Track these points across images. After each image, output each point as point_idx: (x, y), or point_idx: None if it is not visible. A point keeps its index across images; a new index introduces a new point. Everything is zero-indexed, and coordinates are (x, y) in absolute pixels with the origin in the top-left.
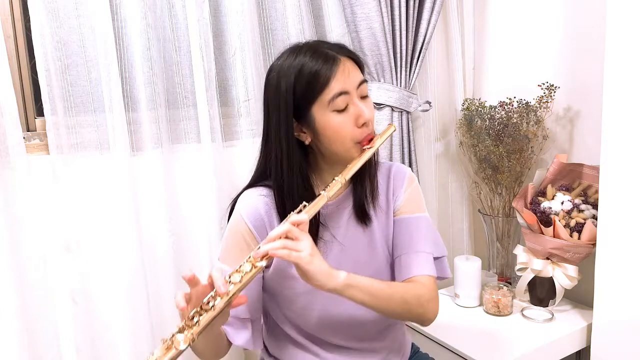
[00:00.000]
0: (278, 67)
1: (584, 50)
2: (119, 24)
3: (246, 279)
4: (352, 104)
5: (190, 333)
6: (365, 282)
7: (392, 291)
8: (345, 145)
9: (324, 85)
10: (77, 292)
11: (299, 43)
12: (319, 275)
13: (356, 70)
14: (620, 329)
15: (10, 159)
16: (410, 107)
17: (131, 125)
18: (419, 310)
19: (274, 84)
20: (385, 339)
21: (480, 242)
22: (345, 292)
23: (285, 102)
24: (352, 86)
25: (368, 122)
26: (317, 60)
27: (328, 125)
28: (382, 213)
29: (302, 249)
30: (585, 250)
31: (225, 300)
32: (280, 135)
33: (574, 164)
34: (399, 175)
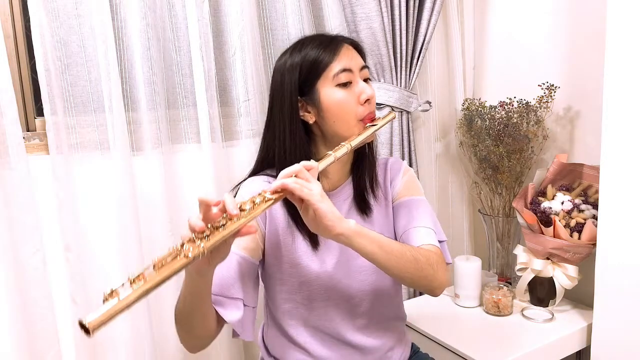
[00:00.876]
0: (283, 61)
1: (584, 50)
2: (119, 24)
3: (257, 210)
4: (355, 82)
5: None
6: (376, 234)
7: (402, 247)
8: (348, 122)
9: (328, 63)
10: (77, 292)
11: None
12: (330, 214)
13: (357, 55)
14: (620, 329)
15: (10, 159)
16: (410, 107)
17: (131, 125)
18: (429, 271)
19: (279, 74)
20: (386, 335)
21: (480, 242)
22: (355, 240)
23: (290, 82)
24: (355, 66)
25: (371, 100)
26: (319, 47)
27: (332, 99)
28: (381, 203)
29: (313, 189)
30: (585, 250)
31: (236, 224)
32: (285, 115)
33: (574, 164)
34: (395, 165)
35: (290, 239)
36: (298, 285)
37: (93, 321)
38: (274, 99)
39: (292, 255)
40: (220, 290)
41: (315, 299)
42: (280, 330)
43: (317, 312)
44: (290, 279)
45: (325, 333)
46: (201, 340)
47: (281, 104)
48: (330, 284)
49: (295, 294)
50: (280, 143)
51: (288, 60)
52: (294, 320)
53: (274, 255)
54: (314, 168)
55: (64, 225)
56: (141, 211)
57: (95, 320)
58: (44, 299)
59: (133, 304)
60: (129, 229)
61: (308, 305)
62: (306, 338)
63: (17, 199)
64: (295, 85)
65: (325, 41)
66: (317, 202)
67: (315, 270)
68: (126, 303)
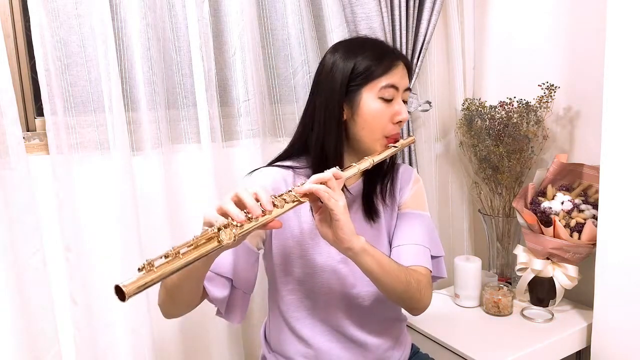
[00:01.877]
0: (338, 53)
1: (584, 50)
2: (119, 24)
3: (286, 207)
4: (397, 101)
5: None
6: (379, 254)
7: (399, 269)
8: (375, 134)
9: (382, 73)
10: (77, 292)
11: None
12: (347, 228)
13: (407, 77)
14: (620, 329)
15: (10, 159)
16: (410, 107)
17: (131, 125)
18: (416, 295)
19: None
20: (386, 334)
21: (480, 242)
22: (360, 256)
23: (341, 79)
24: (402, 86)
25: (402, 123)
26: (380, 53)
27: (370, 108)
28: (389, 209)
29: (339, 199)
30: (585, 250)
31: (266, 217)
32: (329, 110)
33: (574, 164)
34: (406, 173)
35: (298, 230)
36: (303, 276)
37: (129, 285)
38: (320, 89)
39: (300, 247)
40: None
41: (319, 291)
42: (284, 321)
43: (320, 304)
44: (297, 269)
45: (327, 326)
46: (180, 308)
47: (327, 99)
48: (334, 277)
49: (301, 285)
50: (319, 134)
51: (341, 59)
52: (297, 312)
53: (280, 245)
54: (342, 178)
55: (64, 225)
56: (141, 211)
57: (132, 285)
58: (44, 299)
59: (167, 276)
60: (129, 229)
61: (312, 297)
62: (309, 330)
63: (17, 199)
64: (345, 81)
65: (384, 53)
66: (340, 214)
67: (321, 263)
68: (160, 274)
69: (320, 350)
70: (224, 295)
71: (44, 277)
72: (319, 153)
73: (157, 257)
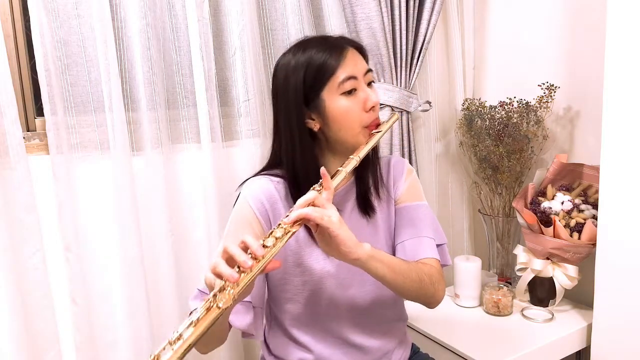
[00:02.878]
0: (286, 61)
1: (584, 50)
2: (119, 24)
3: (280, 244)
4: (360, 89)
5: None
6: (387, 256)
7: (409, 268)
8: (354, 129)
9: (333, 71)
10: (77, 292)
11: (305, 37)
12: (348, 241)
13: (361, 59)
14: (620, 329)
15: (10, 159)
16: (410, 107)
17: (131, 125)
18: (430, 290)
19: (282, 76)
20: (387, 336)
21: (480, 242)
22: (369, 263)
23: (295, 89)
24: (360, 72)
25: (375, 107)
26: (324, 51)
27: (337, 108)
28: (384, 203)
29: (332, 215)
30: (585, 250)
31: (261, 263)
32: (292, 123)
33: (574, 164)
34: (399, 165)
35: (294, 239)
36: (301, 284)
37: None
38: (279, 103)
39: (297, 255)
40: None
41: (317, 299)
42: (282, 329)
43: (319, 312)
44: (294, 278)
45: (327, 333)
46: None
47: (287, 112)
48: (333, 285)
49: (298, 294)
50: (288, 150)
51: (292, 62)
52: (296, 320)
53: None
54: (329, 190)
55: (64, 225)
56: (141, 211)
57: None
58: (44, 299)
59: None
60: (129, 228)
61: (310, 305)
62: (308, 337)
63: (17, 199)
64: (300, 93)
65: (330, 46)
66: (337, 229)
67: (318, 271)
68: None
69: (320, 356)
70: (248, 322)
71: (44, 277)
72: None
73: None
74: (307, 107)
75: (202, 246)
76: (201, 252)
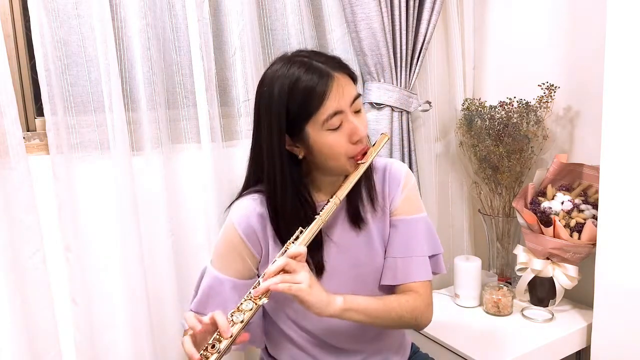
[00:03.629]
0: (271, 78)
1: (584, 50)
2: (119, 24)
3: (248, 317)
4: (347, 121)
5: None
6: (362, 304)
7: (388, 309)
8: (340, 161)
9: (318, 105)
10: (77, 292)
11: (292, 53)
12: (318, 304)
13: (350, 85)
14: (620, 329)
15: (10, 159)
16: (410, 107)
17: (131, 125)
18: (412, 323)
19: (266, 96)
20: (385, 339)
21: (480, 242)
22: (344, 316)
23: (278, 118)
24: (346, 104)
25: (362, 139)
26: (311, 76)
27: (322, 143)
28: (378, 213)
29: (301, 281)
30: (585, 250)
31: (229, 342)
32: (273, 150)
33: (574, 164)
34: (396, 175)
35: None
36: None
37: None
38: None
39: None
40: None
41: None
42: (279, 330)
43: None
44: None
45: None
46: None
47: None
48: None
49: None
50: (270, 181)
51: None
52: (293, 322)
53: None
54: (301, 254)
55: (64, 225)
56: (141, 211)
57: None
58: (44, 299)
59: None
60: (129, 228)
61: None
62: (306, 340)
63: (17, 199)
64: (284, 123)
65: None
66: (306, 296)
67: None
68: None
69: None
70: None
71: (44, 277)
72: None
73: None
74: (291, 137)
75: (202, 246)
76: (201, 252)
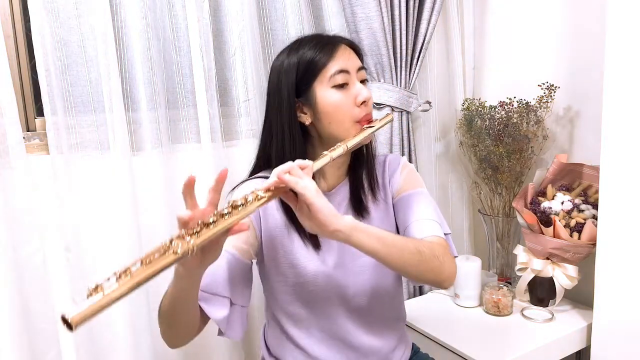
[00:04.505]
0: (280, 61)
1: (584, 50)
2: (119, 24)
3: (249, 208)
4: (352, 83)
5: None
6: (375, 228)
7: (404, 240)
8: (344, 124)
9: (324, 63)
10: (77, 292)
11: (299, 37)
12: (325, 210)
13: (355, 56)
14: (620, 329)
15: (10, 159)
16: (410, 107)
17: (131, 125)
18: (435, 263)
19: (275, 74)
20: (386, 335)
21: (480, 242)
22: (353, 236)
23: (287, 84)
24: (352, 67)
25: (367, 101)
26: (316, 46)
27: (328, 101)
28: (380, 203)
29: (308, 183)
30: (585, 250)
31: (227, 222)
32: (283, 118)
33: (574, 164)
34: (394, 162)
35: (288, 240)
36: (297, 285)
37: (76, 316)
38: (271, 99)
39: (291, 256)
40: (207, 287)
41: (315, 299)
42: (281, 330)
43: (317, 312)
44: (289, 279)
45: (326, 334)
46: (182, 336)
47: (279, 105)
48: (330, 284)
49: (296, 295)
50: (277, 144)
51: (285, 60)
52: (294, 321)
53: (272, 256)
54: (308, 167)
55: (64, 225)
56: (141, 211)
57: (78, 315)
58: (44, 299)
59: (118, 299)
60: (129, 229)
61: (308, 305)
62: (307, 339)
63: (17, 199)
64: (293, 85)
65: (323, 42)
66: (312, 197)
67: (313, 271)
68: (111, 298)
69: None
70: (223, 315)
71: (44, 277)
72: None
73: (106, 278)
74: (299, 99)
75: None
76: None
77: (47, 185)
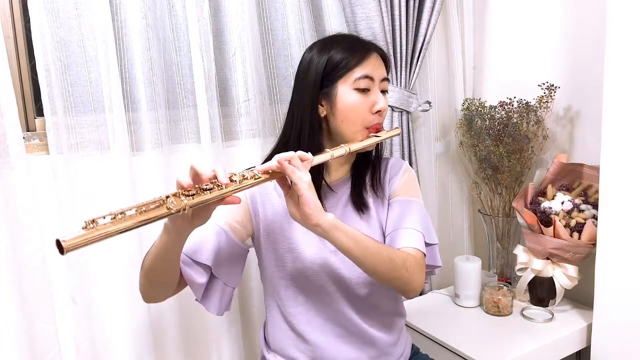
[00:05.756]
0: (313, 52)
1: (584, 50)
2: (119, 24)
3: (245, 183)
4: (373, 91)
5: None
6: (354, 231)
7: (379, 246)
8: (355, 126)
9: (354, 66)
10: (77, 292)
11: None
12: (312, 204)
13: (383, 67)
14: (620, 329)
15: (10, 159)
16: (410, 107)
17: (131, 125)
18: (403, 273)
19: (307, 60)
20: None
21: (480, 242)
22: (331, 233)
23: (315, 71)
24: (377, 76)
25: (382, 112)
26: (351, 48)
27: (347, 101)
28: (379, 201)
29: (304, 175)
30: (585, 250)
31: (222, 191)
32: (306, 102)
33: (574, 164)
34: (397, 165)
35: (287, 224)
36: (296, 270)
37: (70, 242)
38: (298, 84)
39: (289, 240)
40: (191, 253)
41: (312, 284)
42: (281, 318)
43: (316, 297)
44: (288, 264)
45: (325, 320)
46: (159, 293)
47: (304, 96)
48: (328, 269)
49: (294, 279)
50: (296, 129)
51: (316, 54)
52: (293, 308)
53: (270, 240)
54: (308, 160)
55: (64, 225)
56: None
57: (72, 242)
58: (44, 299)
59: (109, 236)
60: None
61: (306, 290)
62: (305, 326)
63: (17, 199)
64: (319, 77)
65: (357, 45)
66: (304, 190)
67: (311, 256)
68: (103, 233)
69: (317, 346)
70: (201, 281)
71: (44, 277)
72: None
73: (101, 216)
74: (321, 91)
75: None
76: None
77: (47, 185)
